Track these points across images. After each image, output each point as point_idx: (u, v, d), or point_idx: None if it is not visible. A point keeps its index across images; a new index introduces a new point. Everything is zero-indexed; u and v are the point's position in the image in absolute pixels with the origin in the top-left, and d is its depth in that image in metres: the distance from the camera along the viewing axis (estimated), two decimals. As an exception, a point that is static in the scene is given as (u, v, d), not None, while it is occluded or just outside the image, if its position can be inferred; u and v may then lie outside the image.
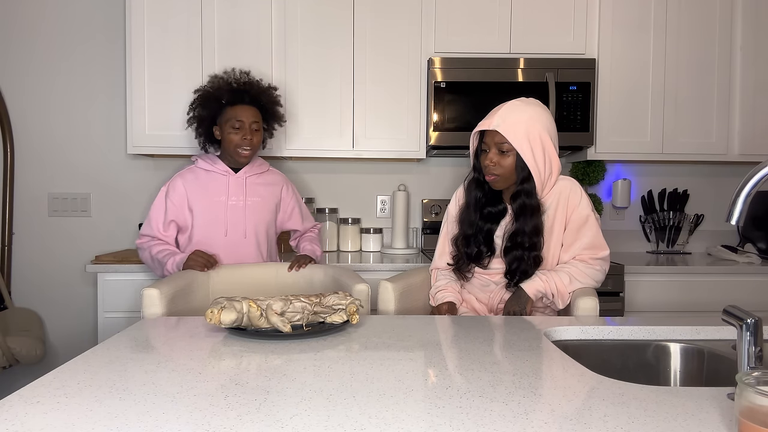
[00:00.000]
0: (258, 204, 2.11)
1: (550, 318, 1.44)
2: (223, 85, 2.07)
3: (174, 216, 2.05)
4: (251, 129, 2.05)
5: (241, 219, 2.07)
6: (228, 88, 2.06)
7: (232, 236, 2.07)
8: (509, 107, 1.66)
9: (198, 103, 2.10)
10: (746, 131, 2.67)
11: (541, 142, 1.64)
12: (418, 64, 2.61)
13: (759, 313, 0.96)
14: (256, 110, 2.08)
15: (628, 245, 2.98)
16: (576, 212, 1.70)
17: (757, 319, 0.92)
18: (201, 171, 2.09)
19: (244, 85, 2.09)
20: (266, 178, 2.18)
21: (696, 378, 1.26)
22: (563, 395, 0.87)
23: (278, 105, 2.20)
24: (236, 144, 2.03)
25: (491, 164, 1.67)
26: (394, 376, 0.95)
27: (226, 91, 2.06)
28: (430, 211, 2.94)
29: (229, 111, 2.04)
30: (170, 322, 1.34)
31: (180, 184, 2.06)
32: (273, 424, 0.75)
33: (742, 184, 0.91)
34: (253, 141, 2.05)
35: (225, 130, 2.05)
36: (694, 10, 2.64)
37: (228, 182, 2.08)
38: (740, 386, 0.67)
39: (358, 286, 1.66)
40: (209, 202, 2.05)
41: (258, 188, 2.13)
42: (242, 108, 2.04)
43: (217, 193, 2.06)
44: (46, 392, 0.86)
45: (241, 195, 2.09)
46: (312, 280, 1.97)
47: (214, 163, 2.10)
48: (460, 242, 1.79)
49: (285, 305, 1.24)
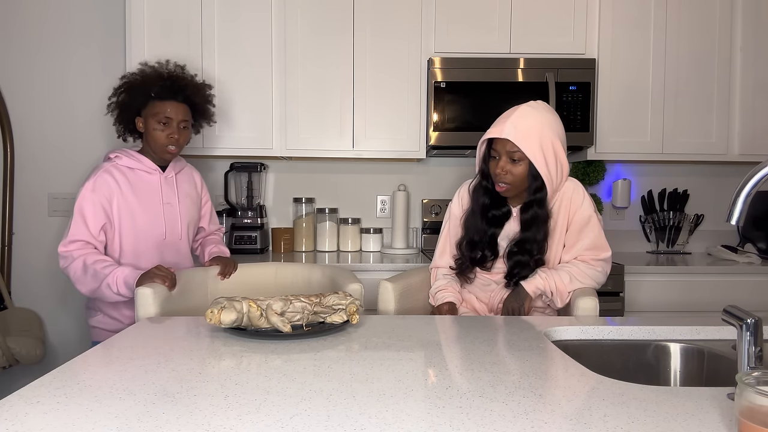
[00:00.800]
0: (188, 204, 2.02)
1: (550, 318, 1.44)
2: (154, 77, 1.91)
3: (106, 218, 1.82)
4: (179, 127, 1.90)
5: (177, 220, 1.96)
6: (160, 81, 1.89)
7: (171, 239, 1.95)
8: (520, 114, 1.63)
9: (123, 90, 1.93)
10: (746, 131, 2.67)
11: (554, 150, 1.62)
12: (418, 64, 2.61)
13: (759, 313, 0.96)
14: (186, 108, 1.93)
15: (628, 245, 2.98)
16: (578, 213, 1.70)
17: (757, 319, 0.92)
18: (125, 169, 1.89)
19: (178, 80, 1.93)
20: (188, 174, 2.08)
21: (696, 378, 1.26)
22: (563, 395, 0.87)
23: (211, 104, 2.08)
24: (162, 142, 1.88)
25: (502, 172, 1.65)
26: (394, 376, 0.95)
27: (157, 84, 1.89)
28: (430, 211, 2.94)
29: (158, 105, 1.88)
30: (170, 322, 1.34)
31: (109, 181, 1.83)
32: (273, 424, 0.75)
33: (742, 184, 0.91)
34: (179, 140, 1.91)
35: (150, 124, 1.88)
36: (694, 10, 2.64)
37: (160, 182, 1.94)
38: (740, 386, 0.67)
39: (352, 286, 1.66)
40: (146, 204, 1.89)
41: (185, 186, 2.03)
42: (173, 105, 1.89)
43: (150, 194, 1.91)
44: (46, 392, 0.86)
45: (173, 195, 1.97)
46: (310, 279, 1.97)
47: (139, 159, 1.91)
48: (464, 247, 1.77)
49: (285, 305, 1.23)
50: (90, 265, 1.73)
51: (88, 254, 1.76)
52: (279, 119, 2.62)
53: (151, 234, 1.90)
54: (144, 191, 1.90)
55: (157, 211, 1.92)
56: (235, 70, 2.58)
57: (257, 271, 1.98)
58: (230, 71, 2.58)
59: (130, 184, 1.87)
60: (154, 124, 1.87)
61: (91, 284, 1.73)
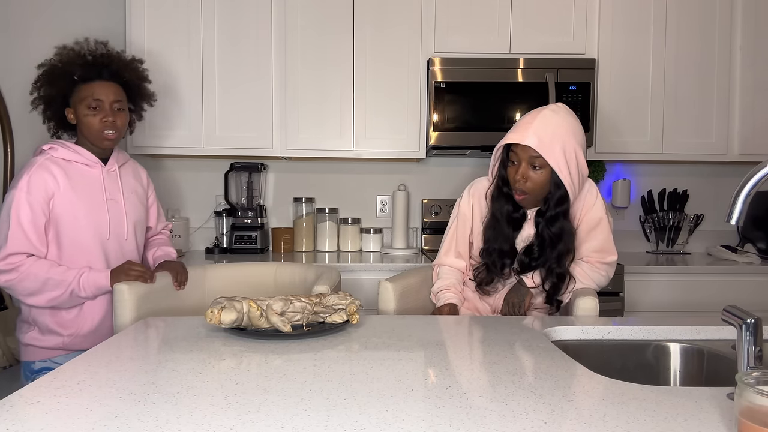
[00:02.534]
0: (134, 201, 1.84)
1: (550, 318, 1.44)
2: (74, 58, 1.72)
3: (44, 221, 1.64)
4: (112, 109, 1.72)
5: (122, 218, 1.78)
6: (81, 61, 1.72)
7: (115, 239, 1.76)
8: (542, 120, 1.55)
9: (44, 81, 1.74)
10: (746, 131, 2.68)
11: (576, 157, 1.57)
12: (418, 64, 2.61)
13: (759, 313, 0.96)
14: (117, 87, 1.75)
15: (628, 245, 2.98)
16: (590, 213, 1.67)
17: (757, 319, 0.92)
18: (62, 162, 1.69)
19: (102, 57, 1.75)
20: (132, 168, 1.90)
21: (696, 378, 1.26)
22: (563, 395, 0.87)
23: (145, 81, 1.88)
24: (96, 128, 1.69)
25: (522, 179, 1.58)
26: (394, 376, 0.95)
27: (78, 65, 1.71)
28: (430, 211, 2.94)
29: (84, 89, 1.70)
30: (170, 322, 1.34)
31: (46, 178, 1.63)
32: (273, 424, 0.75)
33: (742, 184, 0.91)
34: (116, 123, 1.72)
35: (80, 111, 1.70)
36: (694, 10, 2.64)
37: (102, 176, 1.75)
38: (740, 386, 0.67)
39: (318, 287, 1.65)
40: (87, 200, 1.70)
41: (130, 181, 1.86)
42: (100, 85, 1.70)
43: (92, 189, 1.72)
44: (46, 392, 0.86)
45: (117, 190, 1.79)
46: (305, 279, 1.97)
47: (77, 151, 1.72)
48: (491, 257, 1.69)
49: (285, 305, 1.24)
50: (45, 275, 1.59)
51: (36, 265, 1.59)
52: (279, 119, 2.62)
53: (92, 234, 1.71)
54: (84, 186, 1.71)
55: (100, 208, 1.73)
56: (235, 71, 2.58)
57: (254, 270, 1.98)
58: (230, 71, 2.58)
59: (68, 179, 1.68)
60: (84, 110, 1.69)
61: (52, 294, 1.61)
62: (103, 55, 1.76)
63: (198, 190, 2.94)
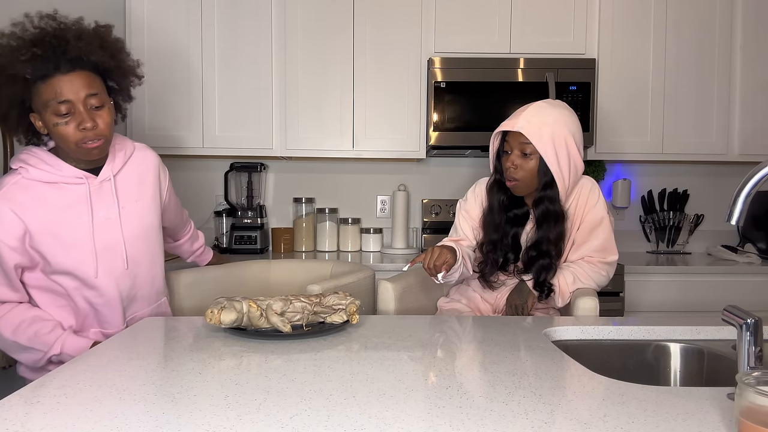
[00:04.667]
0: (138, 209, 1.46)
1: (550, 318, 1.44)
2: (16, 50, 1.25)
3: (14, 263, 1.32)
4: (88, 108, 1.30)
5: (118, 241, 1.41)
6: (26, 53, 1.24)
7: (111, 273, 1.40)
8: (535, 108, 1.60)
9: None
10: (746, 131, 2.67)
11: (566, 147, 1.58)
12: (418, 64, 2.61)
13: (759, 313, 0.96)
14: (87, 75, 1.30)
15: (628, 245, 2.98)
16: (592, 212, 1.67)
17: (757, 319, 0.92)
18: (36, 183, 1.32)
19: (54, 41, 1.26)
20: (137, 162, 1.50)
21: (696, 378, 1.26)
22: (563, 395, 0.87)
23: (122, 52, 1.41)
24: (73, 139, 1.29)
25: (512, 167, 1.61)
26: (394, 376, 0.95)
27: (23, 60, 1.24)
28: (430, 211, 2.94)
29: (43, 89, 1.26)
30: (170, 322, 1.34)
31: (9, 217, 1.29)
32: (273, 424, 0.75)
33: (742, 184, 0.91)
34: (98, 126, 1.31)
35: (48, 119, 1.28)
36: (694, 10, 2.64)
37: (88, 193, 1.37)
38: (740, 386, 0.67)
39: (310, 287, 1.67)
40: (64, 227, 1.34)
41: (132, 184, 1.47)
42: (62, 80, 1.26)
43: (71, 211, 1.35)
44: (46, 392, 0.86)
45: (113, 205, 1.41)
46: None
47: (57, 167, 1.34)
48: (486, 248, 1.71)
49: (285, 305, 1.23)
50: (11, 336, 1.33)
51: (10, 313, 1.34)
52: (279, 119, 2.62)
53: (73, 273, 1.37)
54: (62, 209, 1.34)
55: (84, 234, 1.36)
56: (235, 71, 2.58)
57: (252, 270, 1.98)
58: (230, 71, 2.58)
59: (44, 206, 1.32)
60: (51, 118, 1.28)
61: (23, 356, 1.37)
62: (54, 36, 1.27)
63: (198, 190, 2.93)
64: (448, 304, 1.84)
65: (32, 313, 1.37)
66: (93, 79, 1.32)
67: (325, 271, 2.02)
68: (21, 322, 1.34)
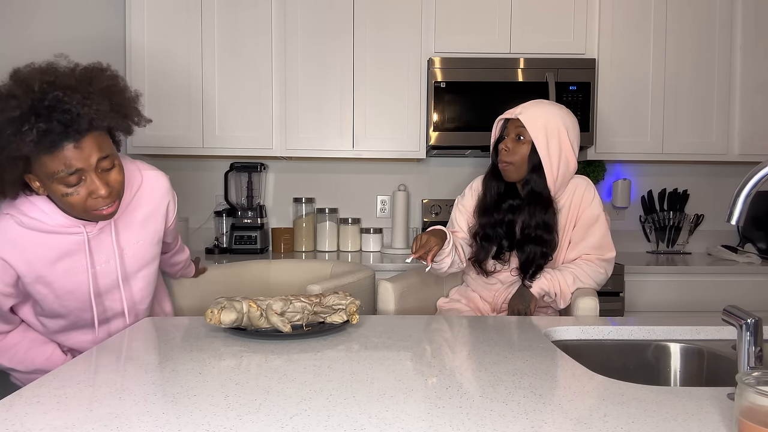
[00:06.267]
0: (139, 248, 1.38)
1: (550, 318, 1.44)
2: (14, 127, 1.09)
3: (11, 303, 1.30)
4: (99, 171, 1.18)
5: (115, 284, 1.35)
6: (32, 133, 1.08)
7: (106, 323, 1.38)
8: (536, 102, 1.69)
9: None
10: (746, 131, 2.67)
11: (558, 137, 1.63)
12: (418, 64, 2.61)
13: (759, 313, 0.96)
14: (97, 136, 1.17)
15: (628, 245, 2.98)
16: (588, 210, 1.70)
17: (757, 319, 0.92)
18: (29, 231, 1.23)
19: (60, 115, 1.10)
20: (146, 196, 1.39)
21: (696, 378, 1.26)
22: (563, 395, 0.87)
23: (122, 92, 1.29)
24: (85, 207, 1.19)
25: (505, 149, 1.67)
26: (394, 376, 0.95)
27: (26, 141, 1.09)
28: (430, 211, 2.94)
29: (48, 160, 1.13)
30: (170, 322, 1.34)
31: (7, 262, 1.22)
32: (273, 424, 0.75)
33: (742, 184, 0.91)
34: (113, 189, 1.21)
35: (53, 188, 1.16)
36: (694, 11, 2.64)
37: (86, 241, 1.27)
38: (740, 386, 0.67)
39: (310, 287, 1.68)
40: (59, 277, 1.27)
41: (135, 225, 1.37)
42: (71, 150, 1.13)
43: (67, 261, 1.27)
44: (46, 392, 0.86)
45: (110, 250, 1.32)
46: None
47: (53, 216, 1.23)
48: (480, 236, 1.74)
49: (285, 305, 1.23)
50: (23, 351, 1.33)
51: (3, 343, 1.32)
52: (279, 119, 2.62)
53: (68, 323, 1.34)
54: (58, 256, 1.26)
55: (80, 283, 1.30)
56: (235, 71, 2.58)
57: (251, 269, 1.98)
58: (230, 72, 2.58)
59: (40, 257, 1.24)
60: (60, 188, 1.16)
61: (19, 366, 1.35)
62: (57, 109, 1.11)
63: (198, 190, 2.93)
64: (447, 304, 1.84)
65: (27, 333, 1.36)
66: (102, 139, 1.19)
67: (325, 271, 2.03)
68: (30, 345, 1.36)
